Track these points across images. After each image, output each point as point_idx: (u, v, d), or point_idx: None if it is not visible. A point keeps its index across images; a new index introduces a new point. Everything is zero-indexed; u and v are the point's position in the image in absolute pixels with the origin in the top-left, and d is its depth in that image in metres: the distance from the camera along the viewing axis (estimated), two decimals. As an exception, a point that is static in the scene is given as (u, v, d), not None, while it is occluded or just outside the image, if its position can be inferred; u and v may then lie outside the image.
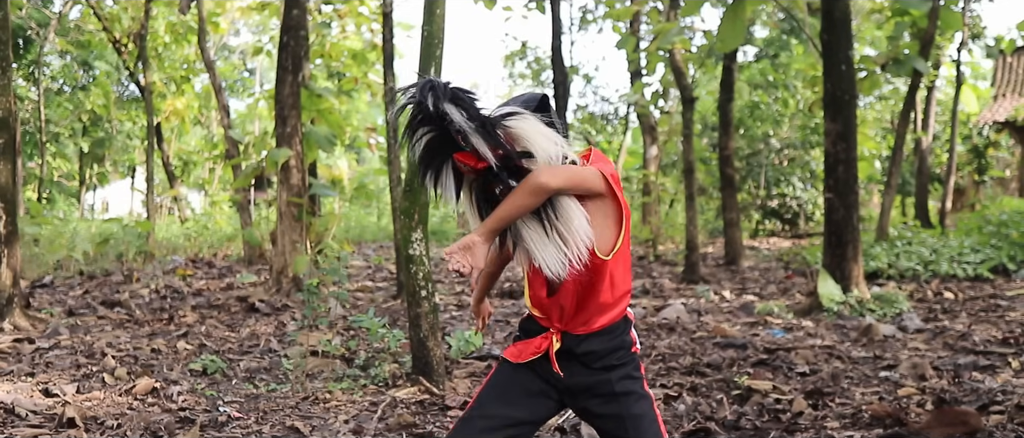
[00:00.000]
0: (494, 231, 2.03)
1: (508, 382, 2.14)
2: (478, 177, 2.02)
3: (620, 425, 2.10)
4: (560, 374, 2.09)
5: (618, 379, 2.10)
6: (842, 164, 7.05)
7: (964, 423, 3.34)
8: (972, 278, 9.07)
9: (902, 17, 12.26)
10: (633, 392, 2.11)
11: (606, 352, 2.10)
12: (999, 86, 23.61)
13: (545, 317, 2.11)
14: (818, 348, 5.23)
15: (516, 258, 2.09)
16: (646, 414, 2.11)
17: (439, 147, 1.99)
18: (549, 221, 1.99)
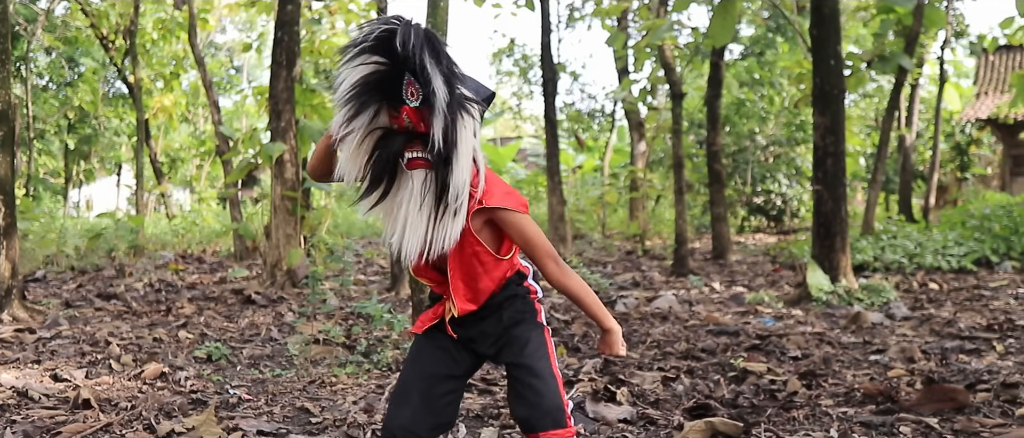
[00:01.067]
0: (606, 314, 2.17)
1: (422, 348, 2.21)
2: (397, 135, 1.94)
3: (509, 351, 2.15)
4: (453, 336, 2.17)
5: (507, 313, 2.16)
6: (831, 157, 7.20)
7: (952, 399, 3.47)
8: (956, 270, 9.25)
9: (887, 15, 12.44)
10: (522, 321, 2.17)
11: (498, 304, 2.16)
12: (981, 84, 23.93)
13: (434, 284, 2.18)
14: (809, 334, 5.37)
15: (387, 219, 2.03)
16: (534, 337, 2.15)
17: (378, 86, 1.91)
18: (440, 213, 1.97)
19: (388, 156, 1.94)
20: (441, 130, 1.89)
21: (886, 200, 23.87)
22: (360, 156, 1.96)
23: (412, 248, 1.99)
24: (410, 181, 1.96)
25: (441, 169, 1.94)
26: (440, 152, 1.92)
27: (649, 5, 12.40)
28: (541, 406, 2.07)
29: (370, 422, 3.40)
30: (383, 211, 2.02)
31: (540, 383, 2.09)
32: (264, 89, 12.36)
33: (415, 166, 1.95)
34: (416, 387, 2.15)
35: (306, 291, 8.21)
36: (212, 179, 25.85)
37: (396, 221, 1.99)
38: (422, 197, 1.95)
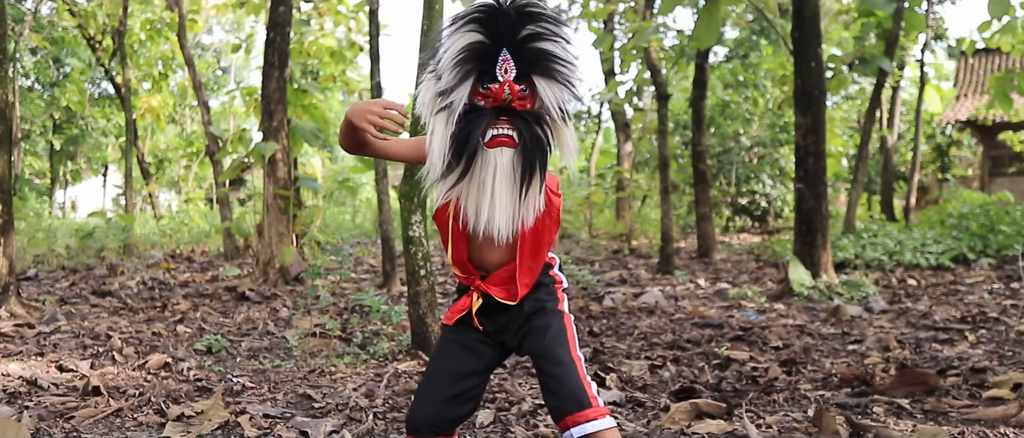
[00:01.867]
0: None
1: (449, 343, 2.21)
2: (484, 112, 1.94)
3: (531, 342, 2.14)
4: (479, 328, 2.16)
5: (529, 301, 2.15)
6: (812, 156, 7.40)
7: (924, 383, 3.66)
8: (934, 267, 9.48)
9: (868, 18, 12.71)
10: (542, 309, 2.15)
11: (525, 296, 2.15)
12: (961, 86, 24.30)
13: (466, 277, 2.17)
14: (790, 326, 5.56)
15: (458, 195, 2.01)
16: (554, 324, 2.14)
17: (479, 59, 1.91)
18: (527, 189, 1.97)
19: (472, 133, 1.93)
20: (555, 101, 1.94)
21: (868, 200, 24.18)
22: (446, 135, 1.94)
23: (502, 226, 1.98)
24: (494, 159, 1.95)
25: (536, 146, 1.94)
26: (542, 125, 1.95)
27: (635, 8, 12.59)
28: (562, 392, 2.06)
29: (371, 406, 3.55)
30: (463, 191, 2.00)
31: (561, 370, 2.07)
32: (253, 90, 12.48)
33: (500, 143, 1.95)
34: (440, 383, 2.17)
35: (299, 288, 8.35)
36: (199, 180, 25.87)
37: (481, 200, 1.97)
38: (510, 174, 1.95)
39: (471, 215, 1.99)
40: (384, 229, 8.55)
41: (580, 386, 2.05)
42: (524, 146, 1.93)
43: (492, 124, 1.93)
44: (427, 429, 2.15)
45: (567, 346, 2.12)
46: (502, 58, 1.90)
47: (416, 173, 4.53)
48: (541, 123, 1.95)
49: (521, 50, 1.91)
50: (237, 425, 3.27)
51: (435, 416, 2.15)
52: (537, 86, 1.93)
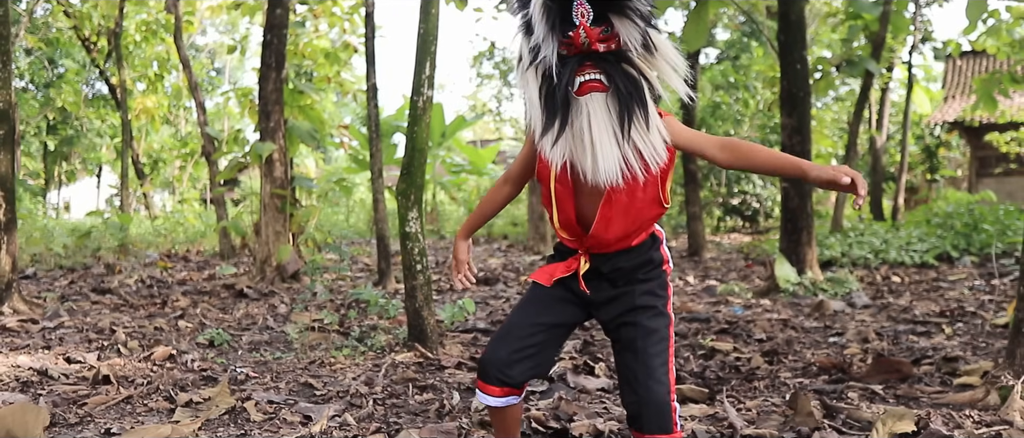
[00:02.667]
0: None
1: (538, 296, 2.21)
2: (567, 59, 1.93)
3: (632, 333, 2.12)
4: (586, 292, 2.15)
5: (640, 293, 2.13)
6: (797, 155, 7.58)
7: (898, 371, 3.84)
8: (918, 265, 9.68)
9: (855, 20, 12.92)
10: (653, 307, 2.13)
11: (632, 268, 2.14)
12: (949, 88, 24.58)
13: (574, 239, 2.15)
14: (774, 320, 5.75)
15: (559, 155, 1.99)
16: (659, 329, 2.12)
17: (558, 5, 1.91)
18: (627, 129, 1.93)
19: (561, 82, 1.92)
20: (639, 34, 1.91)
21: (858, 201, 24.40)
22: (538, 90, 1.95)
23: (611, 172, 1.94)
24: (585, 106, 1.92)
25: (627, 84, 1.92)
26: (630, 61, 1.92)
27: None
28: (650, 409, 2.05)
29: (371, 393, 3.72)
30: (569, 145, 1.97)
31: (655, 386, 2.06)
32: (248, 91, 12.63)
33: (589, 89, 1.93)
34: (521, 331, 2.16)
35: (296, 286, 8.50)
36: (193, 180, 25.99)
37: (584, 149, 1.94)
38: (606, 117, 1.92)
39: (579, 167, 1.97)
40: (379, 228, 8.71)
41: (668, 408, 2.07)
42: (615, 87, 1.91)
43: (578, 71, 1.92)
44: (496, 374, 2.15)
45: (667, 363, 2.12)
46: (577, 3, 1.89)
47: (412, 171, 4.70)
48: (627, 61, 1.92)
49: None
50: (243, 410, 3.43)
51: (508, 362, 2.14)
52: (615, 24, 1.90)
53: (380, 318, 5.87)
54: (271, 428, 3.23)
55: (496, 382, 2.16)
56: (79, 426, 3.25)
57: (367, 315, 6.10)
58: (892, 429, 2.84)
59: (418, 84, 4.67)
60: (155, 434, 3.03)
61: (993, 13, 11.85)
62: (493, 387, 2.18)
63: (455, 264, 2.38)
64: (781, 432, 2.94)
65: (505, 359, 2.15)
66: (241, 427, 3.24)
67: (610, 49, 1.91)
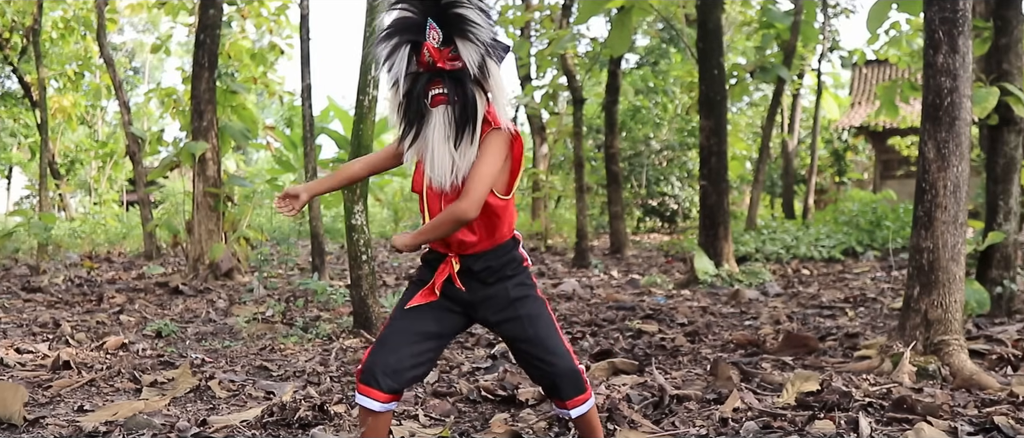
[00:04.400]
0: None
1: (421, 307, 2.33)
2: (424, 74, 2.16)
3: (519, 325, 2.32)
4: (462, 289, 2.30)
5: (512, 286, 2.33)
6: (714, 155, 8.07)
7: (806, 345, 4.27)
8: (826, 259, 10.32)
9: (768, 29, 13.59)
10: (527, 296, 2.35)
11: (500, 266, 2.32)
12: (856, 94, 25.80)
13: (442, 244, 2.32)
14: (695, 308, 6.17)
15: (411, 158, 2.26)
16: (541, 313, 2.35)
17: (407, 29, 2.14)
18: (458, 142, 2.16)
19: (414, 95, 2.17)
20: (477, 58, 2.13)
21: (771, 202, 25.41)
22: (396, 101, 2.20)
23: (441, 175, 2.18)
24: (433, 116, 2.17)
25: (463, 101, 2.14)
26: (467, 82, 2.13)
27: (552, 16, 13.19)
28: (562, 377, 2.30)
29: (326, 371, 3.96)
30: (418, 151, 2.23)
31: (558, 359, 2.31)
32: (171, 91, 12.60)
33: (437, 102, 2.16)
34: (405, 338, 2.27)
35: (230, 283, 8.60)
36: (111, 181, 25.43)
37: (428, 154, 2.19)
38: (445, 128, 2.16)
39: (426, 170, 2.23)
40: (314, 226, 8.87)
41: (577, 372, 2.34)
42: (453, 101, 2.15)
43: (431, 85, 2.16)
44: (384, 379, 2.24)
45: (557, 336, 2.36)
46: (429, 25, 2.12)
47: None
48: (466, 80, 2.14)
49: (444, 17, 2.12)
50: (208, 388, 3.64)
51: (395, 369, 2.24)
52: (460, 47, 2.13)
53: (322, 310, 6.09)
54: (238, 403, 3.45)
55: (385, 388, 2.24)
56: (51, 405, 3.42)
57: (309, 307, 6.30)
58: (800, 389, 3.23)
59: (363, 84, 4.92)
60: (128, 409, 3.23)
61: (894, 25, 12.64)
62: (378, 392, 2.25)
63: (285, 195, 2.41)
64: (704, 394, 3.31)
65: (394, 366, 2.25)
66: (209, 402, 3.46)
67: (455, 68, 2.14)
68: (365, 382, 2.27)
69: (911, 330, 3.82)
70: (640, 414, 3.03)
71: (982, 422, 2.84)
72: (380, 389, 2.24)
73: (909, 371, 3.55)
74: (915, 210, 3.86)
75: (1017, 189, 5.44)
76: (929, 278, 3.78)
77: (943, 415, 2.92)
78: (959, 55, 3.75)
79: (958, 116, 3.75)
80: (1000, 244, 5.35)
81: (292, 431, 2.97)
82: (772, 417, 2.95)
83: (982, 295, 5.08)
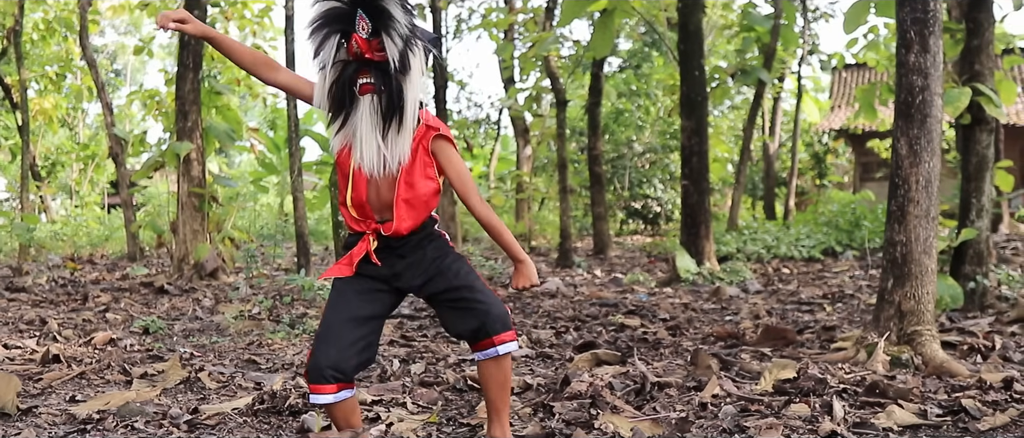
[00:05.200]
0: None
1: (343, 292, 2.42)
2: (352, 62, 2.25)
3: (443, 278, 2.42)
4: (378, 264, 2.39)
5: (430, 250, 2.44)
6: (696, 155, 8.19)
7: (784, 337, 4.37)
8: (806, 259, 10.46)
9: (749, 33, 13.74)
10: (446, 254, 2.46)
11: (417, 241, 2.43)
12: (836, 98, 26.06)
13: (362, 219, 2.41)
14: (677, 304, 6.28)
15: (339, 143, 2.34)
16: (462, 264, 2.47)
17: (338, 18, 2.23)
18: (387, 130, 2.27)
19: (343, 83, 2.26)
20: (398, 53, 2.22)
21: (753, 204, 25.63)
22: (325, 87, 2.29)
23: (370, 161, 2.28)
24: (361, 104, 2.27)
25: (389, 91, 2.24)
26: (392, 73, 2.22)
27: (535, 19, 13.29)
28: (491, 314, 2.38)
29: (315, 364, 4.02)
30: (346, 136, 2.32)
31: (483, 297, 2.41)
32: (154, 92, 12.60)
33: (365, 91, 2.26)
34: (341, 328, 2.34)
35: (215, 283, 8.63)
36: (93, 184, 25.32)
37: (356, 140, 2.29)
38: (372, 117, 2.26)
39: (354, 156, 2.32)
40: (299, 226, 8.91)
41: (506, 311, 2.43)
42: (382, 93, 2.25)
43: (359, 74, 2.27)
44: (330, 374, 2.30)
45: (480, 280, 2.47)
46: (359, 16, 2.22)
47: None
48: (391, 71, 2.24)
49: (372, 9, 2.22)
50: (198, 380, 3.70)
51: (339, 360, 2.31)
52: (384, 39, 2.22)
53: (309, 307, 6.14)
54: (227, 393, 3.51)
55: (331, 380, 2.31)
56: (42, 396, 3.46)
57: (295, 305, 6.35)
58: (777, 376, 3.33)
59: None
60: (120, 399, 3.28)
61: (872, 29, 12.82)
62: (327, 386, 2.32)
63: (172, 13, 2.37)
64: (685, 382, 3.41)
65: (336, 358, 2.31)
66: (199, 393, 3.52)
67: (382, 59, 2.24)
68: (313, 381, 2.34)
69: (885, 321, 3.93)
70: (622, 400, 3.12)
71: (950, 405, 2.95)
72: (324, 382, 2.31)
73: (883, 360, 3.66)
74: (888, 205, 3.98)
75: (989, 187, 5.59)
76: (902, 271, 3.90)
77: (913, 399, 3.02)
78: (930, 54, 3.87)
79: (929, 113, 3.87)
80: (973, 241, 5.49)
81: (282, 418, 3.04)
82: (749, 402, 3.04)
83: (956, 290, 5.22)
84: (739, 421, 2.82)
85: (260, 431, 2.89)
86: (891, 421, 2.77)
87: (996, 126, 11.84)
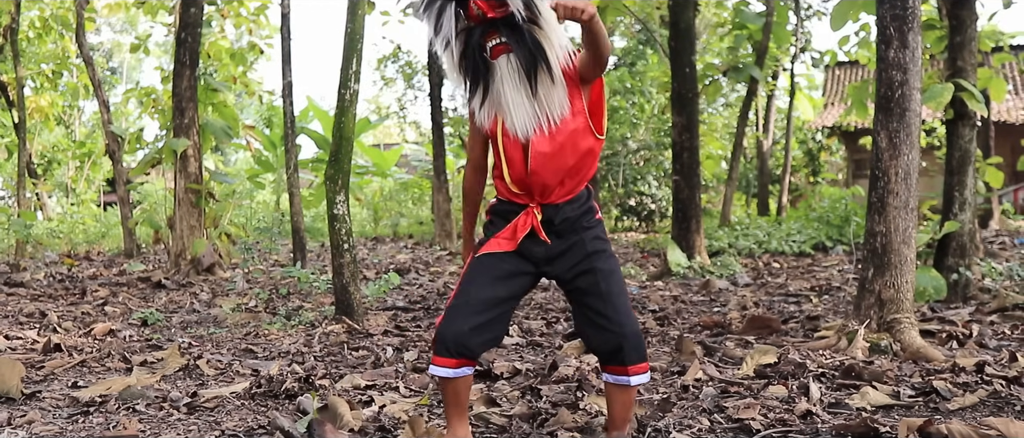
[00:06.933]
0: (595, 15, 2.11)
1: (490, 270, 2.28)
2: (479, 26, 2.13)
3: (593, 279, 2.27)
4: (548, 241, 2.26)
5: (590, 240, 2.30)
6: (686, 151, 8.30)
7: (768, 326, 4.48)
8: (797, 253, 10.58)
9: (741, 30, 13.86)
10: (603, 251, 2.32)
11: (577, 217, 2.29)
12: (829, 95, 26.21)
13: (524, 193, 2.27)
14: (667, 297, 6.38)
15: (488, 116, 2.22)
16: (615, 270, 2.32)
17: None
18: (534, 86, 2.14)
19: (472, 51, 2.14)
20: (521, 2, 2.10)
21: (747, 201, 25.76)
22: (456, 61, 2.17)
23: (523, 126, 2.15)
24: (499, 68, 2.14)
25: (524, 45, 2.11)
26: (523, 25, 2.10)
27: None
28: (628, 340, 2.26)
29: (310, 352, 4.13)
30: (492, 105, 2.19)
31: (624, 318, 2.27)
32: (150, 90, 12.69)
33: (498, 53, 2.14)
34: (479, 304, 2.22)
35: (212, 278, 8.73)
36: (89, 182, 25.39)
37: (504, 107, 2.16)
38: (513, 76, 2.13)
39: (507, 124, 2.18)
40: (295, 221, 9.01)
41: (641, 337, 2.31)
42: (518, 48, 2.13)
43: (487, 37, 2.15)
44: (457, 347, 2.20)
45: (627, 298, 2.33)
46: None
47: (340, 158, 5.12)
48: (521, 25, 2.12)
49: None
50: (197, 367, 3.80)
51: (468, 335, 2.20)
52: None
53: (305, 300, 6.24)
54: (225, 379, 3.61)
55: (455, 354, 2.20)
56: (45, 382, 3.56)
57: (291, 297, 6.45)
58: (759, 361, 3.44)
59: (346, 78, 5.09)
60: (121, 384, 3.38)
61: (864, 26, 12.95)
62: (450, 359, 2.22)
63: None
64: (669, 366, 3.51)
65: (466, 331, 2.20)
66: (198, 379, 3.62)
67: (507, 15, 2.12)
68: (439, 350, 2.24)
69: (866, 310, 4.04)
70: (608, 384, 3.23)
71: (923, 387, 3.06)
72: (449, 355, 2.22)
73: (863, 347, 3.77)
74: (869, 197, 4.09)
75: (972, 180, 5.70)
76: (882, 260, 4.01)
77: (888, 381, 3.14)
78: (909, 50, 3.98)
79: (908, 107, 3.98)
80: (956, 233, 5.61)
81: (279, 401, 3.14)
82: (730, 385, 3.15)
83: (939, 282, 5.34)
84: (719, 402, 2.93)
85: (257, 413, 2.99)
86: (865, 402, 2.88)
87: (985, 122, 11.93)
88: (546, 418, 2.74)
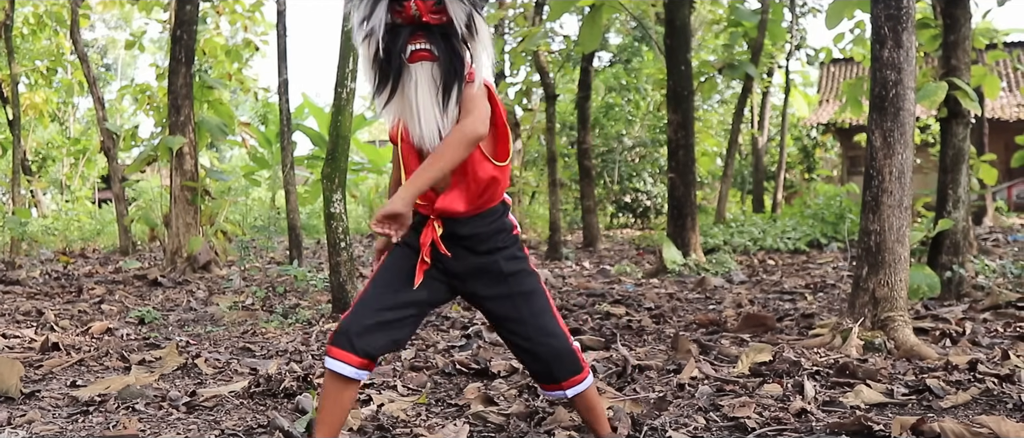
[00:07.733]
0: (416, 194, 2.03)
1: (395, 268, 2.18)
2: (401, 28, 2.02)
3: (511, 304, 2.18)
4: (447, 255, 2.14)
5: (505, 260, 2.18)
6: (682, 148, 8.33)
7: (763, 324, 4.51)
8: (792, 251, 10.62)
9: (736, 27, 13.89)
10: (521, 270, 2.20)
11: (489, 234, 2.17)
12: (824, 92, 26.26)
13: (424, 202, 2.16)
14: (662, 294, 6.41)
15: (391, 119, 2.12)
16: (536, 290, 2.21)
17: None
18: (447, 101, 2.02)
19: (395, 50, 2.02)
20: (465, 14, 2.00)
21: (742, 198, 25.83)
22: (368, 56, 2.05)
23: (431, 137, 2.05)
24: (415, 73, 2.03)
25: (450, 58, 2.01)
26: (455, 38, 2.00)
27: (525, 14, 13.41)
28: (558, 362, 2.19)
29: (308, 350, 4.14)
30: (397, 108, 2.09)
31: (554, 340, 2.19)
32: (145, 87, 12.68)
33: (418, 58, 2.03)
34: (383, 302, 2.13)
35: (208, 275, 8.73)
36: (84, 179, 25.35)
37: (412, 113, 2.05)
38: (430, 87, 2.02)
39: (410, 130, 2.08)
40: (291, 218, 9.02)
41: (572, 353, 2.23)
42: (442, 59, 2.01)
43: (410, 40, 2.02)
44: (361, 345, 2.09)
45: (552, 314, 2.22)
46: None
47: (337, 156, 5.14)
48: (453, 36, 2.02)
49: None
50: (195, 366, 3.81)
51: (371, 333, 2.10)
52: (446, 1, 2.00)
53: (301, 298, 6.26)
54: (224, 377, 3.63)
55: (361, 352, 2.09)
56: (44, 381, 3.58)
57: (288, 295, 6.47)
58: (754, 360, 3.47)
59: (342, 77, 5.10)
60: (120, 383, 3.39)
61: (858, 24, 12.98)
62: (352, 356, 2.10)
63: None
64: (665, 365, 3.54)
65: (366, 332, 2.10)
66: (196, 378, 3.63)
67: (440, 22, 2.01)
68: (339, 344, 2.11)
69: (860, 308, 4.07)
70: (604, 382, 3.25)
71: (916, 385, 3.09)
72: (351, 351, 2.09)
73: (857, 345, 3.80)
74: (863, 195, 4.11)
75: (965, 179, 5.73)
76: (876, 259, 4.03)
77: (882, 379, 3.16)
78: (903, 50, 4.01)
79: (903, 107, 4.00)
80: (950, 231, 5.64)
81: (278, 400, 3.16)
82: (725, 383, 3.18)
83: (933, 279, 5.37)
84: (714, 400, 2.96)
85: (256, 412, 3.00)
86: (859, 400, 2.91)
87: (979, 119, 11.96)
88: (543, 417, 2.77)
